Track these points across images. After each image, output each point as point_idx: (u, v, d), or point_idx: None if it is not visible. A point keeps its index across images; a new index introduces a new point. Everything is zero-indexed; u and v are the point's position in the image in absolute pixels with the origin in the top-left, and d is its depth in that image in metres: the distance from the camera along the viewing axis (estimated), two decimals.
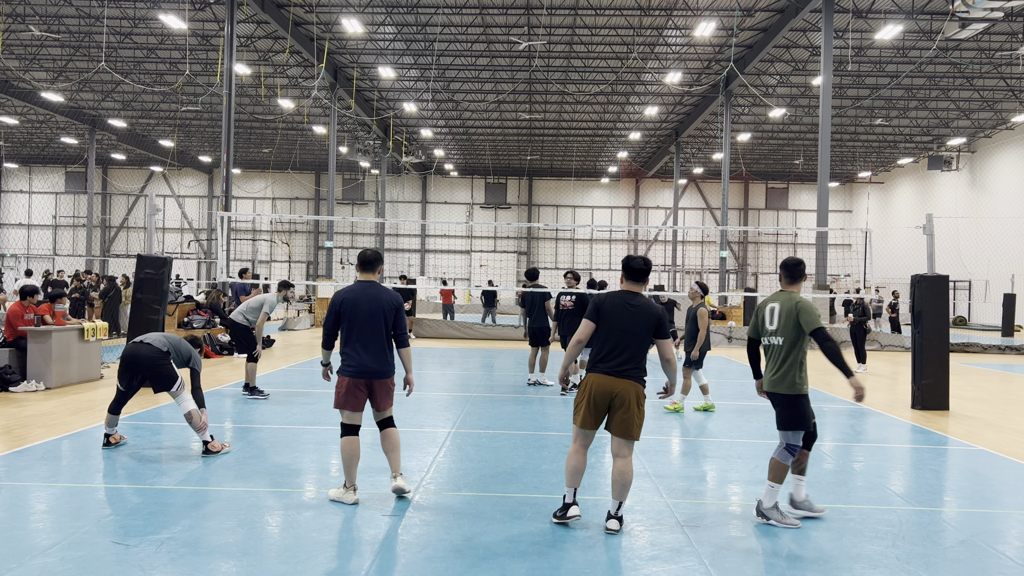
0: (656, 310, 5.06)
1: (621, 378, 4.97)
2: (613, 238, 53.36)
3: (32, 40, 28.05)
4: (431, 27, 26.32)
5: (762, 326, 5.47)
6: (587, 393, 5.03)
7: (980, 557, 4.80)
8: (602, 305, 5.06)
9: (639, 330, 4.99)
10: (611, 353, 4.99)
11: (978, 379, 14.80)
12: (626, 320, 4.99)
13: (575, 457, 5.13)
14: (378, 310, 5.49)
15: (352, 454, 5.56)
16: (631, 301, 5.06)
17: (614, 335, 4.99)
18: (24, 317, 10.86)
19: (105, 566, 4.25)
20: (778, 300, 5.44)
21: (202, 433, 6.94)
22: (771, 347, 5.40)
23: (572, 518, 5.11)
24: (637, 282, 5.16)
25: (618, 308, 5.03)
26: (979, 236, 36.96)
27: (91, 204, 44.02)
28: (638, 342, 5.00)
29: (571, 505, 5.13)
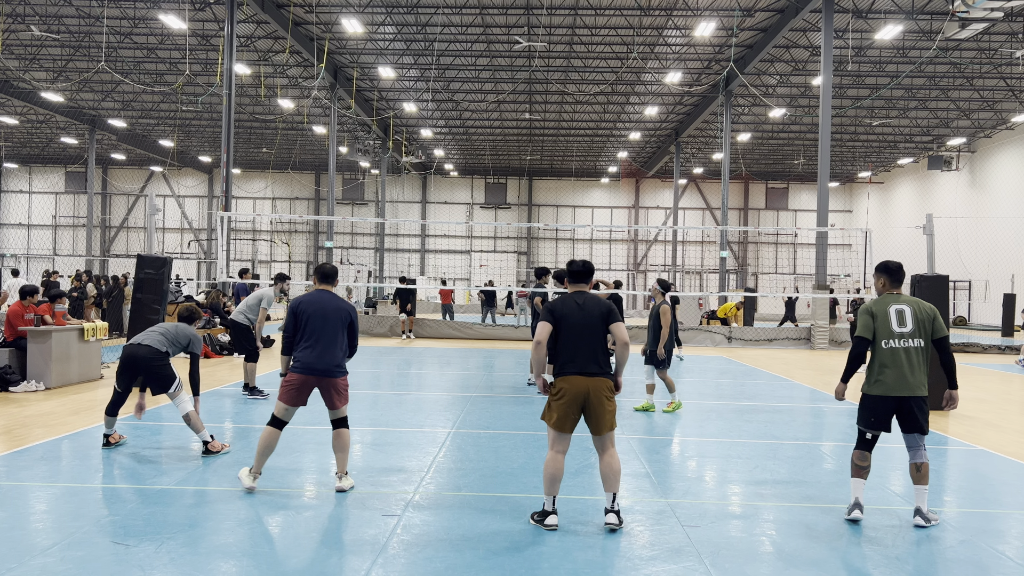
0: (604, 302, 5.28)
1: (591, 377, 5.10)
2: (613, 238, 53.37)
3: (32, 40, 28.06)
4: (431, 27, 26.32)
5: (886, 328, 5.31)
6: (560, 397, 5.10)
7: (980, 557, 4.80)
8: (555, 308, 5.24)
9: (594, 324, 5.18)
10: (575, 355, 5.13)
11: (978, 379, 14.80)
12: (580, 318, 5.18)
13: (553, 464, 5.13)
14: (336, 315, 5.76)
15: (268, 445, 5.77)
16: (579, 300, 5.27)
17: (573, 335, 5.16)
18: (24, 317, 10.86)
19: (105, 566, 4.25)
20: (903, 302, 5.37)
21: (202, 433, 6.95)
22: (903, 349, 5.27)
23: (550, 527, 5.07)
24: (580, 283, 5.40)
25: (570, 308, 5.22)
26: (979, 236, 36.96)
27: (91, 204, 44.01)
28: (596, 337, 5.17)
29: (551, 513, 5.13)
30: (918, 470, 5.33)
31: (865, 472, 5.38)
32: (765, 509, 5.73)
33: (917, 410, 5.26)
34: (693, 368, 15.76)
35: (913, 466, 5.36)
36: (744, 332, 22.58)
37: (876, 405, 5.31)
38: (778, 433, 8.68)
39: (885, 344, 5.30)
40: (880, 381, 5.29)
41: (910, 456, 5.39)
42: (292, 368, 5.73)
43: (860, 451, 5.42)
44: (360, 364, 14.91)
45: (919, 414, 5.27)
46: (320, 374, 5.68)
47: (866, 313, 5.40)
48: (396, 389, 11.60)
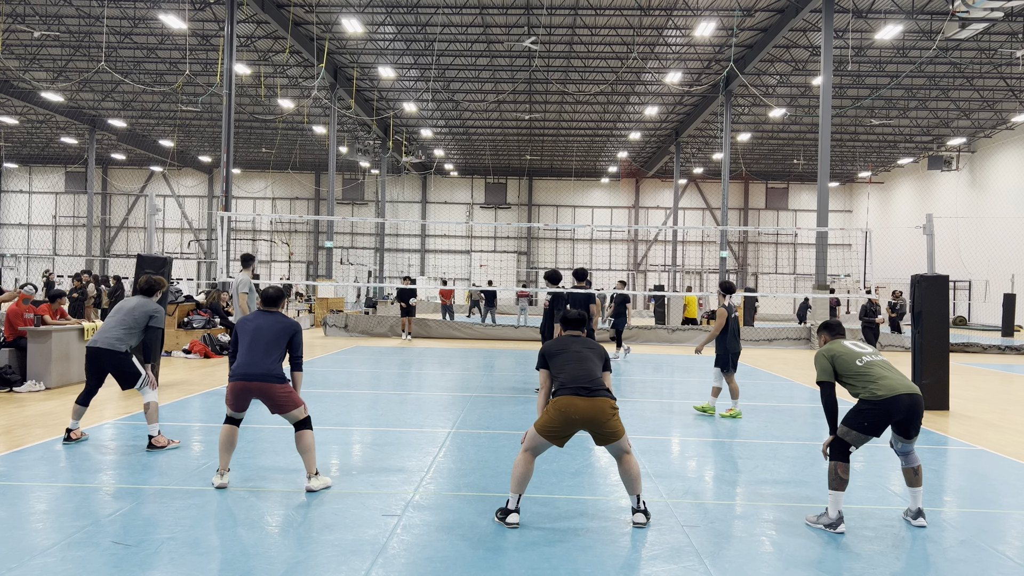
0: (599, 347, 5.51)
1: (593, 397, 5.07)
2: (613, 238, 53.37)
3: (32, 40, 28.06)
4: (431, 27, 26.32)
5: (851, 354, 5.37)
6: (560, 415, 5.07)
7: (980, 557, 4.80)
8: (549, 350, 5.44)
9: (590, 356, 5.38)
10: (574, 376, 5.17)
11: (978, 379, 14.81)
12: (576, 349, 5.40)
13: (524, 464, 5.15)
14: (272, 328, 5.94)
15: (226, 441, 5.92)
16: (577, 340, 5.52)
17: (571, 361, 5.29)
18: (24, 317, 10.86)
19: (105, 566, 4.25)
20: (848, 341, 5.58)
21: (151, 426, 7.04)
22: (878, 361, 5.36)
23: (511, 525, 5.09)
24: (575, 330, 5.67)
25: (566, 345, 5.46)
26: (979, 236, 36.96)
27: (91, 204, 44.02)
28: (593, 365, 5.30)
29: (514, 512, 5.14)
30: (916, 473, 5.37)
31: (846, 484, 5.25)
32: (765, 509, 5.73)
33: (921, 414, 5.20)
34: (693, 368, 15.76)
35: (911, 470, 5.37)
36: (744, 332, 22.57)
37: (883, 409, 5.13)
38: (778, 433, 8.68)
39: (860, 363, 5.30)
40: (883, 385, 5.16)
41: (906, 461, 5.37)
42: (230, 377, 5.91)
43: (844, 463, 5.24)
44: (360, 364, 14.91)
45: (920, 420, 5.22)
46: (251, 379, 5.77)
47: (823, 358, 5.41)
48: (396, 389, 11.60)
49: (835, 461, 5.24)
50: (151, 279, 7.55)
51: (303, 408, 5.92)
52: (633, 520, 5.19)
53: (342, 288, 32.99)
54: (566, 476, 6.46)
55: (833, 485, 5.20)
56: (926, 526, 5.34)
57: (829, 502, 5.20)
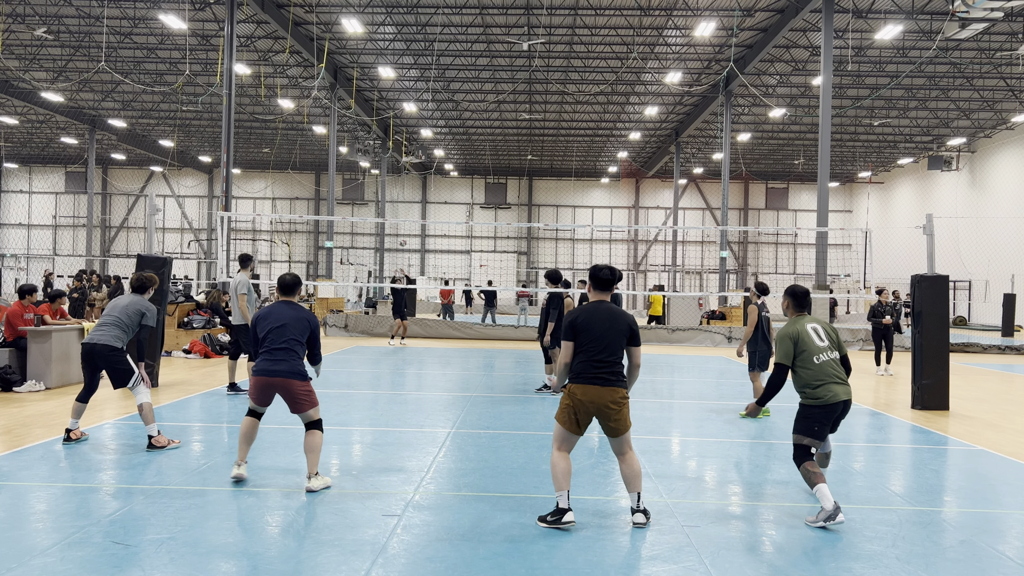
0: (628, 318, 5.24)
1: (606, 386, 5.08)
2: (613, 238, 53.38)
3: (32, 40, 28.06)
4: (431, 27, 26.32)
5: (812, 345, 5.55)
6: (574, 402, 5.11)
7: (980, 557, 4.80)
8: (576, 320, 5.19)
9: (615, 336, 5.15)
10: (591, 362, 5.11)
11: (978, 379, 14.81)
12: (602, 329, 5.14)
13: (562, 461, 5.15)
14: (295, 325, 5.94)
15: (247, 433, 6.02)
16: (603, 309, 5.23)
17: (593, 344, 5.12)
18: (24, 317, 10.85)
19: (105, 566, 4.25)
20: (813, 321, 5.73)
21: (150, 427, 7.05)
22: (830, 361, 5.56)
23: (568, 524, 5.05)
24: (604, 291, 5.35)
25: (592, 318, 5.18)
26: (979, 236, 36.96)
27: (91, 204, 44.03)
28: (615, 348, 5.15)
29: (567, 511, 5.08)
30: (827, 457, 6.11)
31: (823, 476, 5.35)
32: (765, 509, 5.73)
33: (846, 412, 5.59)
34: (693, 368, 15.76)
35: (824, 455, 6.07)
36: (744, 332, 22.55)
37: (826, 414, 5.45)
38: (778, 433, 8.68)
39: (817, 359, 5.52)
40: (828, 390, 5.44)
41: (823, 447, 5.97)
42: (253, 372, 5.95)
43: (811, 461, 5.43)
44: (360, 364, 14.91)
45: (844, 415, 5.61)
46: (275, 375, 5.82)
47: (788, 340, 5.57)
48: (396, 389, 11.60)
49: (803, 463, 5.43)
50: (142, 277, 7.54)
51: (318, 409, 5.99)
52: (633, 520, 5.20)
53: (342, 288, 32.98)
54: None
55: (813, 481, 5.34)
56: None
57: (819, 498, 5.31)
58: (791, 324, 5.69)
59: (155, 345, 11.06)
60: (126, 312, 7.22)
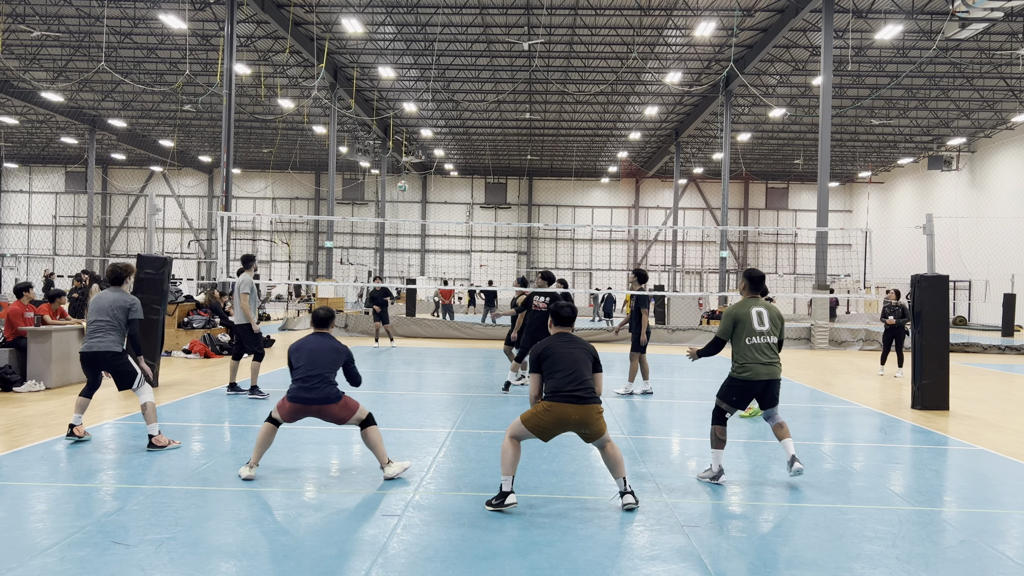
0: (590, 347, 5.59)
1: (583, 404, 5.33)
2: (613, 238, 53.38)
3: (32, 40, 28.06)
4: (431, 27, 26.33)
5: (749, 328, 6.23)
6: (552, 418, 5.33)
7: (980, 557, 4.80)
8: (541, 352, 5.51)
9: (582, 358, 5.48)
10: (566, 380, 5.36)
11: (978, 379, 14.80)
12: (568, 352, 5.48)
13: (513, 448, 5.41)
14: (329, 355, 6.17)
15: (263, 439, 6.16)
16: (568, 339, 5.60)
17: (562, 365, 5.41)
18: (24, 316, 10.85)
19: (105, 566, 4.25)
20: (760, 305, 6.35)
21: (151, 426, 7.04)
22: (764, 344, 6.26)
23: (510, 506, 5.32)
24: (566, 325, 5.75)
25: (558, 345, 5.52)
26: (979, 236, 36.96)
27: (91, 204, 44.03)
28: (584, 367, 5.45)
29: (510, 493, 5.35)
30: (781, 427, 6.36)
31: (724, 443, 6.28)
32: (765, 509, 5.73)
33: (776, 390, 6.33)
34: (694, 368, 15.76)
35: (777, 426, 6.36)
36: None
37: (745, 389, 6.22)
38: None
39: (749, 341, 6.22)
40: (750, 369, 6.18)
41: (771, 422, 6.37)
42: (287, 397, 6.11)
43: (722, 427, 6.27)
44: (360, 364, 14.91)
45: (777, 393, 6.34)
46: (310, 403, 6.05)
47: (730, 318, 6.28)
48: (396, 389, 11.60)
49: (715, 425, 6.29)
50: (116, 267, 7.37)
51: (361, 409, 6.20)
52: (623, 504, 5.42)
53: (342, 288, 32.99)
54: (566, 476, 6.46)
55: (714, 444, 6.27)
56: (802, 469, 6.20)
57: (712, 459, 6.27)
58: (739, 305, 6.33)
59: (155, 345, 11.06)
60: (111, 311, 7.11)
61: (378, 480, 6.20)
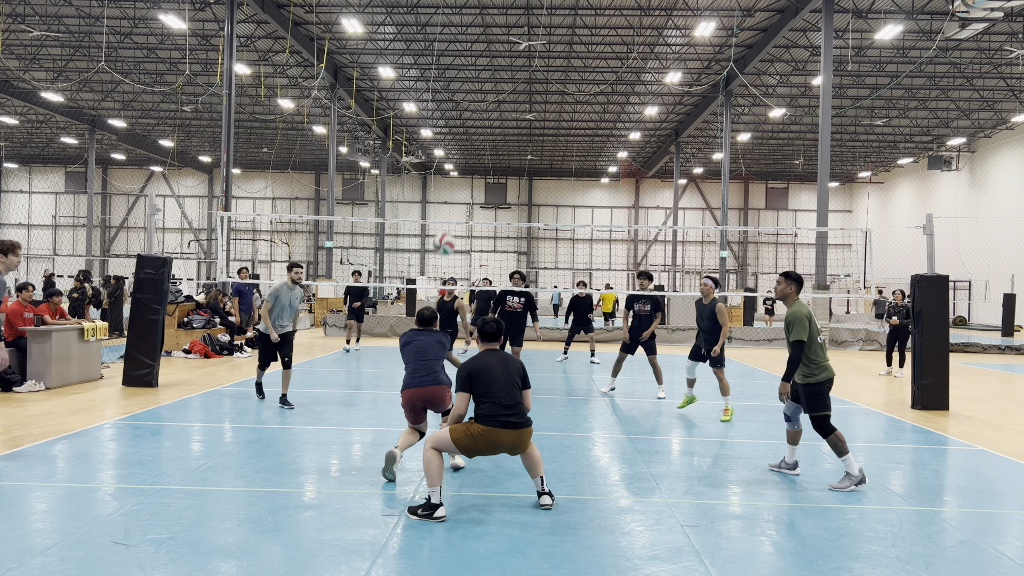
0: (518, 363, 5.60)
1: (516, 429, 5.31)
2: (613, 238, 53.38)
3: (32, 40, 28.06)
4: (431, 27, 26.33)
5: (816, 328, 6.34)
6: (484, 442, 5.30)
7: (980, 557, 4.80)
8: (471, 371, 5.43)
9: (511, 377, 5.44)
10: (498, 404, 5.31)
11: (978, 379, 14.80)
12: (499, 370, 5.43)
13: (437, 459, 5.32)
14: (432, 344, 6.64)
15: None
16: (496, 357, 5.56)
17: (495, 387, 5.35)
18: (24, 316, 10.85)
19: (105, 566, 4.25)
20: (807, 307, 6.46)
21: None
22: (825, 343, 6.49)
23: (439, 519, 5.20)
24: (493, 342, 5.72)
25: (487, 364, 5.46)
26: (979, 236, 36.96)
27: (91, 204, 44.03)
28: (516, 391, 5.42)
29: (440, 505, 5.25)
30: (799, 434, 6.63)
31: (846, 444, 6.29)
32: (765, 509, 5.73)
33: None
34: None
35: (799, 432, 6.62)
36: (744, 332, 22.57)
37: (829, 386, 6.27)
38: (778, 433, 8.67)
39: (820, 339, 6.34)
40: (826, 368, 6.27)
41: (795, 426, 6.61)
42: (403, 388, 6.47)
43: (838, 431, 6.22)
44: (360, 364, 14.91)
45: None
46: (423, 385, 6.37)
47: (804, 319, 6.26)
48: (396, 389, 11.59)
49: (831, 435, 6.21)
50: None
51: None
52: (540, 503, 5.46)
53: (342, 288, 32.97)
54: (566, 476, 6.46)
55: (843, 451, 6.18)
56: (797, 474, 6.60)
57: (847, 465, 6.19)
58: (800, 306, 6.35)
59: (155, 345, 11.06)
60: None
61: (378, 480, 6.20)
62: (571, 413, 9.80)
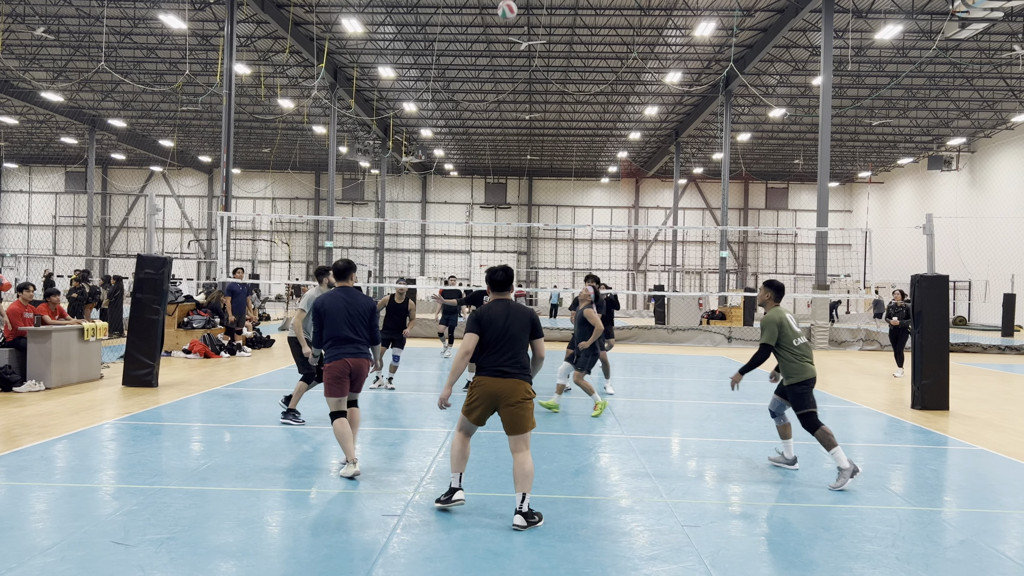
0: (530, 312, 5.52)
1: (506, 379, 5.28)
2: (613, 238, 53.37)
3: (32, 40, 28.06)
4: (431, 27, 26.32)
5: (792, 331, 6.62)
6: (478, 393, 5.33)
7: (980, 557, 4.80)
8: (482, 316, 5.41)
9: (517, 331, 5.37)
10: (495, 356, 5.32)
11: (978, 379, 14.80)
12: (504, 324, 5.36)
13: (460, 444, 5.44)
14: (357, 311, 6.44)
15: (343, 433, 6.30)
16: (503, 305, 5.46)
17: (495, 340, 5.34)
18: (24, 316, 10.84)
19: (105, 566, 4.25)
20: (787, 312, 6.75)
21: None
22: (805, 343, 6.66)
23: (456, 503, 5.36)
24: (503, 291, 5.56)
25: (496, 315, 5.40)
26: (979, 236, 36.96)
27: (91, 204, 44.02)
28: (517, 343, 5.36)
29: (458, 489, 5.39)
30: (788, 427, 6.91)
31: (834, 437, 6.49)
32: (765, 509, 5.74)
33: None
34: (693, 368, 15.76)
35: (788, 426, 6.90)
36: (744, 332, 22.58)
37: (811, 385, 6.55)
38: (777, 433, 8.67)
39: (796, 342, 6.60)
40: (808, 367, 6.54)
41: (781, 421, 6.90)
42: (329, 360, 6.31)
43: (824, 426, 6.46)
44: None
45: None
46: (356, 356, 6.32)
47: (774, 324, 6.58)
48: (396, 389, 11.59)
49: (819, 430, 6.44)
50: None
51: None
52: (514, 522, 5.10)
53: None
54: (566, 476, 6.46)
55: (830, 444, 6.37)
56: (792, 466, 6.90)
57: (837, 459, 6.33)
58: (777, 312, 6.66)
59: (155, 344, 11.06)
60: None
61: (378, 480, 6.20)
62: (572, 413, 9.80)
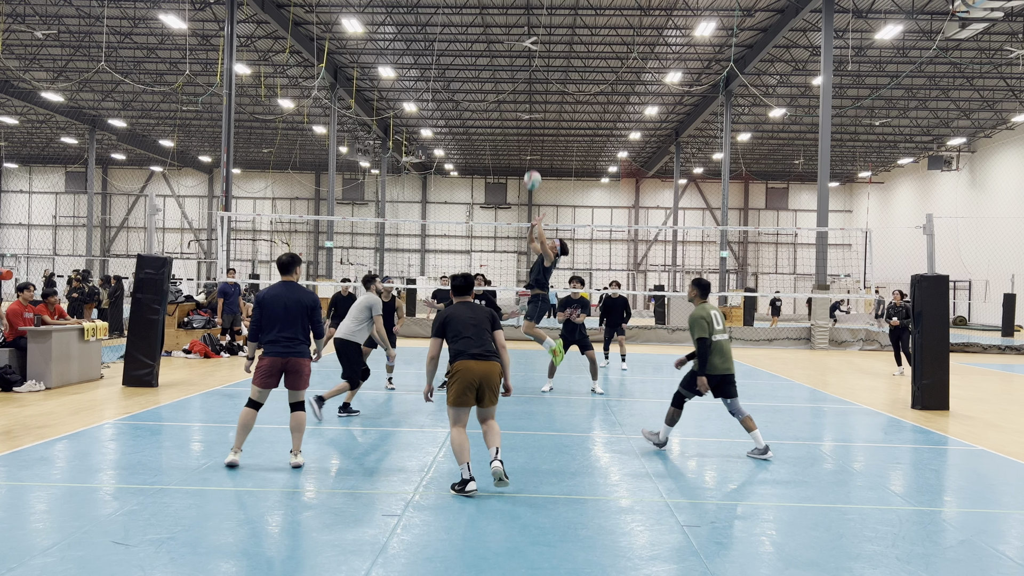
0: (487, 310, 6.08)
1: (487, 360, 5.84)
2: (613, 238, 53.36)
3: (32, 40, 28.06)
4: (431, 27, 26.32)
5: (711, 328, 7.16)
6: (462, 378, 5.77)
7: (980, 557, 4.80)
8: (444, 319, 5.99)
9: (480, 321, 5.99)
10: (468, 341, 5.87)
11: (978, 379, 14.80)
12: (468, 316, 5.99)
13: (458, 437, 5.78)
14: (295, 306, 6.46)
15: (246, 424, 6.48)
16: (466, 306, 6.10)
17: (463, 328, 5.91)
18: (24, 316, 10.84)
19: (105, 566, 4.25)
20: (713, 308, 7.35)
21: None
22: (724, 340, 7.24)
23: (471, 492, 5.68)
24: (464, 295, 6.20)
25: (458, 310, 6.02)
26: (979, 236, 36.95)
27: (91, 204, 44.01)
28: (484, 331, 5.97)
29: (470, 480, 5.70)
30: (744, 423, 7.21)
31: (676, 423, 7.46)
32: (765, 509, 5.73)
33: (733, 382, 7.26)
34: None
35: (743, 420, 7.21)
36: (744, 332, 22.58)
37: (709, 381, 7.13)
38: (778, 433, 8.68)
39: (713, 338, 7.17)
40: (715, 364, 7.14)
41: (737, 415, 7.22)
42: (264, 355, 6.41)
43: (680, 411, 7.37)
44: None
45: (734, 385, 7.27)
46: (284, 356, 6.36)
47: (703, 320, 7.15)
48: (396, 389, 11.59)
49: (674, 408, 7.38)
50: None
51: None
52: (492, 468, 5.71)
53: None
54: (566, 476, 6.46)
55: (669, 422, 7.41)
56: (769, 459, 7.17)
57: (662, 430, 7.47)
58: (703, 308, 7.23)
59: (155, 344, 11.06)
60: None
61: (378, 480, 6.20)
62: (571, 413, 9.80)
